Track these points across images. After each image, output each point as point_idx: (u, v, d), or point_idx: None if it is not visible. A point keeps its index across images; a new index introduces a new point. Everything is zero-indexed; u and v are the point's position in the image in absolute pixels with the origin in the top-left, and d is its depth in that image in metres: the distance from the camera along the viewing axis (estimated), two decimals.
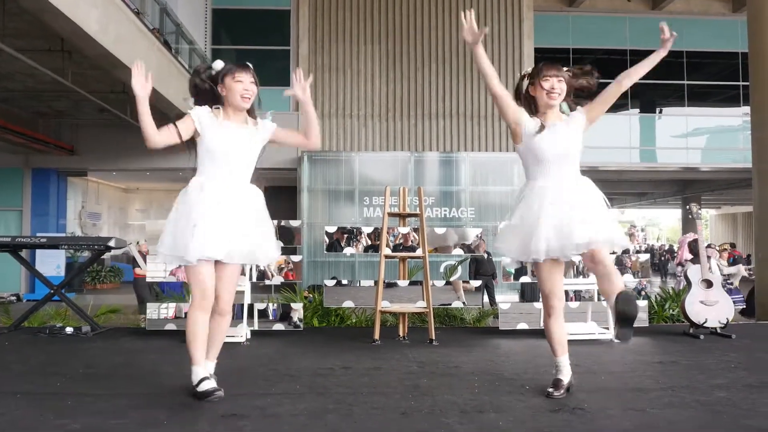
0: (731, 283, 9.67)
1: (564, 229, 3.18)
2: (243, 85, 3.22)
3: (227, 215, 3.17)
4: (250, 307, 5.42)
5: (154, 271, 5.72)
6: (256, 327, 5.45)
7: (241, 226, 3.20)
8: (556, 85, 3.32)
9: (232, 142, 3.22)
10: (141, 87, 3.09)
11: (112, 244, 5.88)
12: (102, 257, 13.80)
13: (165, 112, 12.27)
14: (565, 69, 3.39)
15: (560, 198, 3.25)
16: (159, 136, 3.13)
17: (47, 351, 4.78)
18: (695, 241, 6.04)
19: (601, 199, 3.32)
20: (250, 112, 3.36)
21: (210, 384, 3.17)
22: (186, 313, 3.39)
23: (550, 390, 3.32)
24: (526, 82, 3.44)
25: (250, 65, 3.32)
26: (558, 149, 3.31)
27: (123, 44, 8.85)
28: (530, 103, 3.43)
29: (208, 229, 3.12)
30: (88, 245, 6.26)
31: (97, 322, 5.96)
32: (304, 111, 3.45)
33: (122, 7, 8.93)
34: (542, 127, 3.33)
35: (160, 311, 5.72)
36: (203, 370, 3.22)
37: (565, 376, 3.39)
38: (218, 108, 3.29)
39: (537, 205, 3.30)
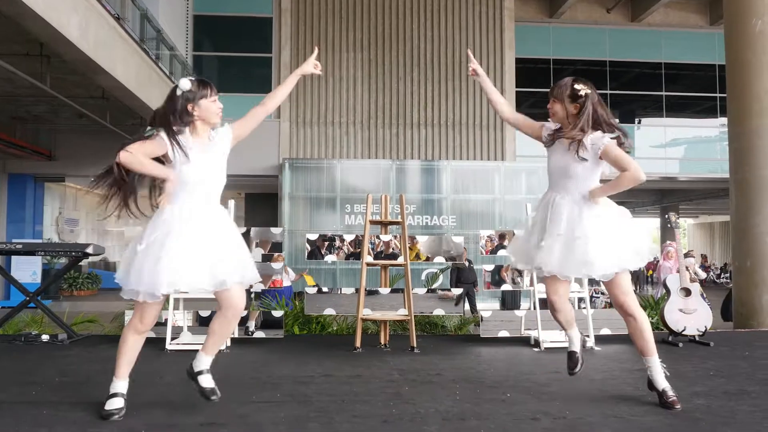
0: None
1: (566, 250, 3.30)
2: (216, 104, 3.14)
3: (203, 243, 3.02)
4: None
5: None
6: (236, 335, 5.41)
7: (219, 251, 3.05)
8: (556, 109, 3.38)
9: (205, 170, 3.10)
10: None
11: (89, 250, 5.81)
12: (79, 264, 13.64)
13: (146, 119, 12.19)
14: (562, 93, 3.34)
15: (565, 215, 3.32)
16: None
17: (22, 359, 4.69)
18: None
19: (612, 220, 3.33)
20: None
21: (120, 402, 3.09)
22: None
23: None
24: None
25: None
26: (557, 165, 3.37)
27: (103, 49, 8.77)
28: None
29: (181, 261, 2.96)
30: (65, 252, 6.17)
31: (74, 329, 5.87)
32: (293, 78, 3.45)
33: (102, 13, 8.85)
34: (551, 140, 3.39)
35: None
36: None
37: (576, 345, 3.53)
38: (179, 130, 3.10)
39: (542, 215, 3.41)
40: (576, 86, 3.25)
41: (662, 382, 3.31)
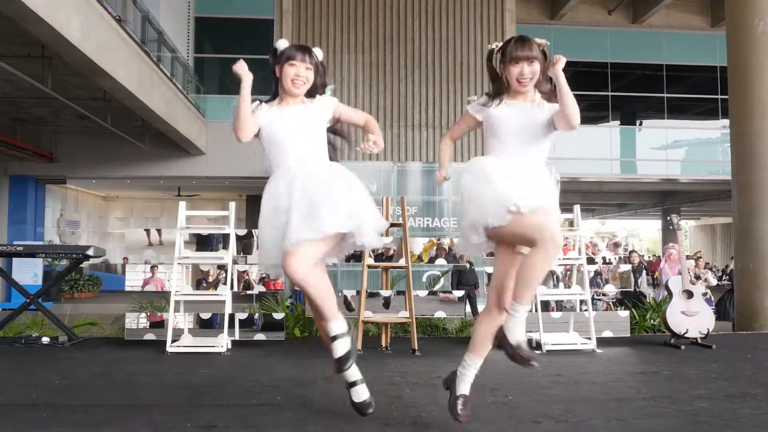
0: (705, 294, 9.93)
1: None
2: (295, 70, 2.98)
3: (302, 200, 2.86)
4: (231, 317, 5.36)
5: (134, 280, 5.67)
6: (237, 337, 5.39)
7: (327, 198, 2.88)
8: (526, 70, 2.89)
9: (288, 127, 3.00)
10: (246, 72, 2.93)
11: (90, 252, 5.80)
12: (80, 266, 13.63)
13: (149, 122, 12.19)
14: (539, 45, 2.93)
15: (508, 170, 2.97)
16: (250, 125, 2.96)
17: (22, 361, 4.69)
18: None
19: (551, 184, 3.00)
20: (312, 94, 3.12)
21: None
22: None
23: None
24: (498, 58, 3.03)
25: (312, 49, 3.07)
26: (515, 124, 2.96)
27: (104, 51, 8.76)
28: (501, 82, 3.00)
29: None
30: (66, 254, 6.16)
31: (74, 332, 5.86)
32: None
33: (104, 14, 8.84)
34: (500, 100, 3.00)
35: (138, 321, 5.65)
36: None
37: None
38: (273, 100, 3.09)
39: (485, 175, 3.06)
40: (538, 41, 2.96)
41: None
